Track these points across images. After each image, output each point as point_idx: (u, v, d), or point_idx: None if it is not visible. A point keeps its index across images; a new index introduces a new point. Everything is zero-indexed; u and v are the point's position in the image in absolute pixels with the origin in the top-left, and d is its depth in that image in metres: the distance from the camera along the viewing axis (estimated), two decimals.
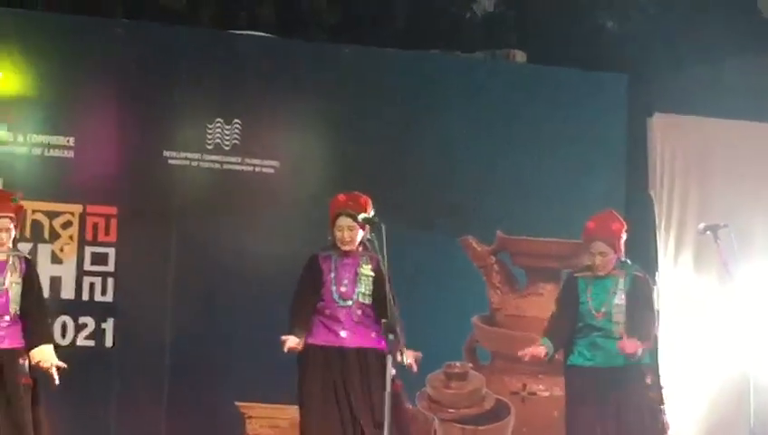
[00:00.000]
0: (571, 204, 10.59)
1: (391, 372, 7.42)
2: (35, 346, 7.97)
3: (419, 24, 14.65)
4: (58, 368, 7.91)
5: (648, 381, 8.46)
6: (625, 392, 8.34)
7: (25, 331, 8.01)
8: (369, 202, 8.41)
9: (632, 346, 8.13)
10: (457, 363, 10.85)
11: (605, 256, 8.37)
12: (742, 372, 9.04)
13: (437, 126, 11.04)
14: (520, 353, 8.36)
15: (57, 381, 7.91)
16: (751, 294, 9.49)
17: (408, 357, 7.87)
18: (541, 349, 8.30)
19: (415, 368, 7.96)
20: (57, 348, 9.16)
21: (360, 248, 8.44)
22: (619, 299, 8.41)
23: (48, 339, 8.14)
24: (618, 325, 8.35)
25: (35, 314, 8.10)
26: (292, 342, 8.19)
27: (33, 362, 7.95)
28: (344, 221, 8.35)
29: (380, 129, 10.89)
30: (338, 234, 8.38)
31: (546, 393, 10.74)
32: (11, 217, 7.98)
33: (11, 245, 8.02)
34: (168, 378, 10.27)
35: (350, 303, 8.40)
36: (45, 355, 7.95)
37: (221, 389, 10.26)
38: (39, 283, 8.31)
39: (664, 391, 8.62)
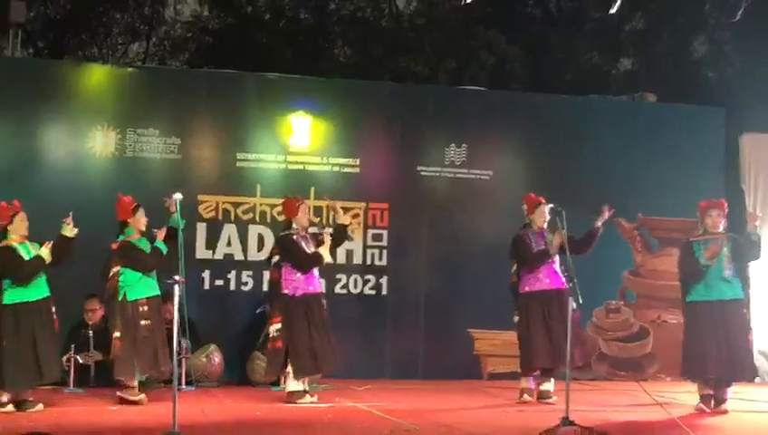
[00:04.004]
0: (688, 195, 10.35)
1: (573, 306, 7.26)
2: None
3: (583, 78, 15.00)
4: None
5: (745, 310, 8.39)
6: (731, 317, 8.21)
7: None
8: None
9: (754, 220, 8.37)
10: (613, 302, 11.20)
11: (719, 216, 8.39)
12: None
13: (598, 146, 11.35)
14: (707, 255, 8.04)
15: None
16: None
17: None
18: (716, 247, 8.26)
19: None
20: (351, 295, 10.06)
21: (545, 226, 8.75)
22: (725, 252, 8.27)
23: None
24: (724, 270, 8.20)
25: None
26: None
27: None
28: (544, 208, 8.65)
29: (559, 149, 11.19)
30: (540, 216, 8.69)
31: (674, 321, 10.42)
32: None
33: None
34: (424, 315, 10.71)
35: (548, 260, 8.71)
36: None
37: (458, 321, 10.66)
38: None
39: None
